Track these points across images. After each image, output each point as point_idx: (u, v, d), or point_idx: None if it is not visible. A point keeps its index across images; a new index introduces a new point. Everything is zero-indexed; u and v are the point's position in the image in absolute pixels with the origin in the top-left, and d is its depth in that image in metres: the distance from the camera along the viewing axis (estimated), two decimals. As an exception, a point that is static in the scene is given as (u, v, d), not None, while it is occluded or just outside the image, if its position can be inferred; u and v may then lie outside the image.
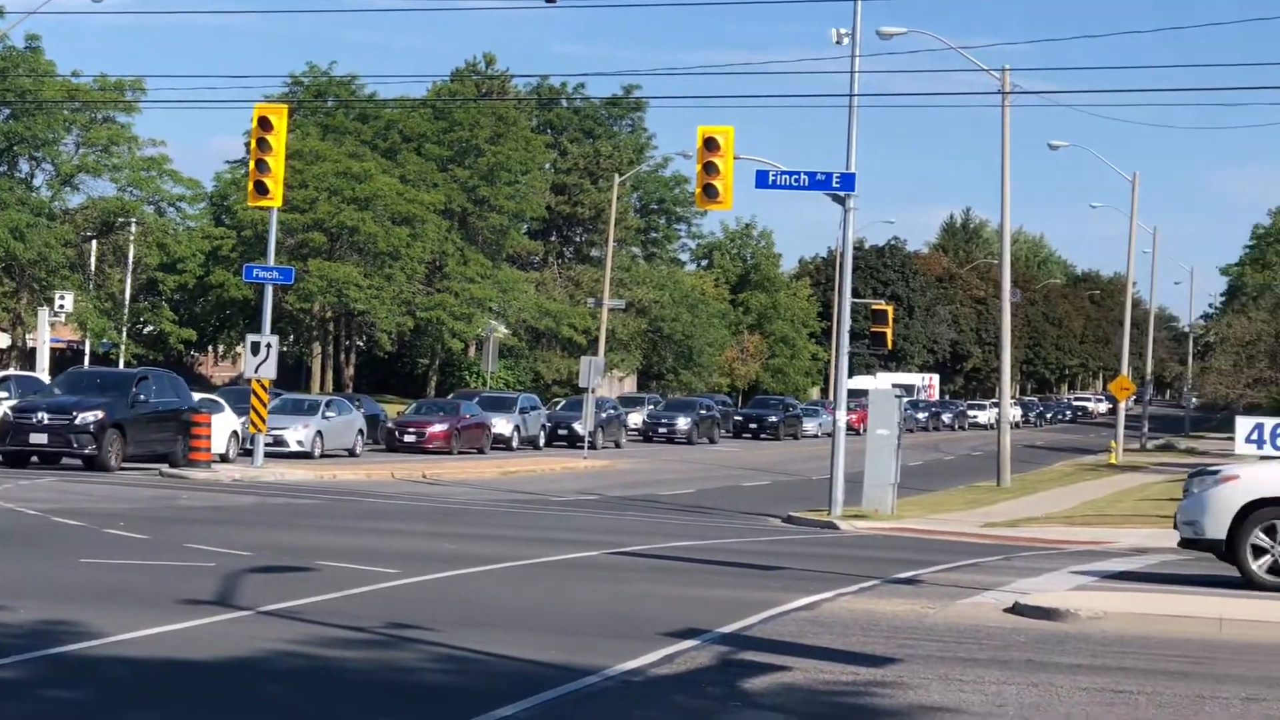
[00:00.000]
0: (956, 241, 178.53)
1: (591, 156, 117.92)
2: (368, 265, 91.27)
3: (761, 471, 60.74)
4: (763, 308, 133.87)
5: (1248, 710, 14.56)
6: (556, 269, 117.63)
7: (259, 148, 43.18)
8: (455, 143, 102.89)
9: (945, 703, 14.20)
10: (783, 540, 32.57)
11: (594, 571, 24.62)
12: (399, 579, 21.72)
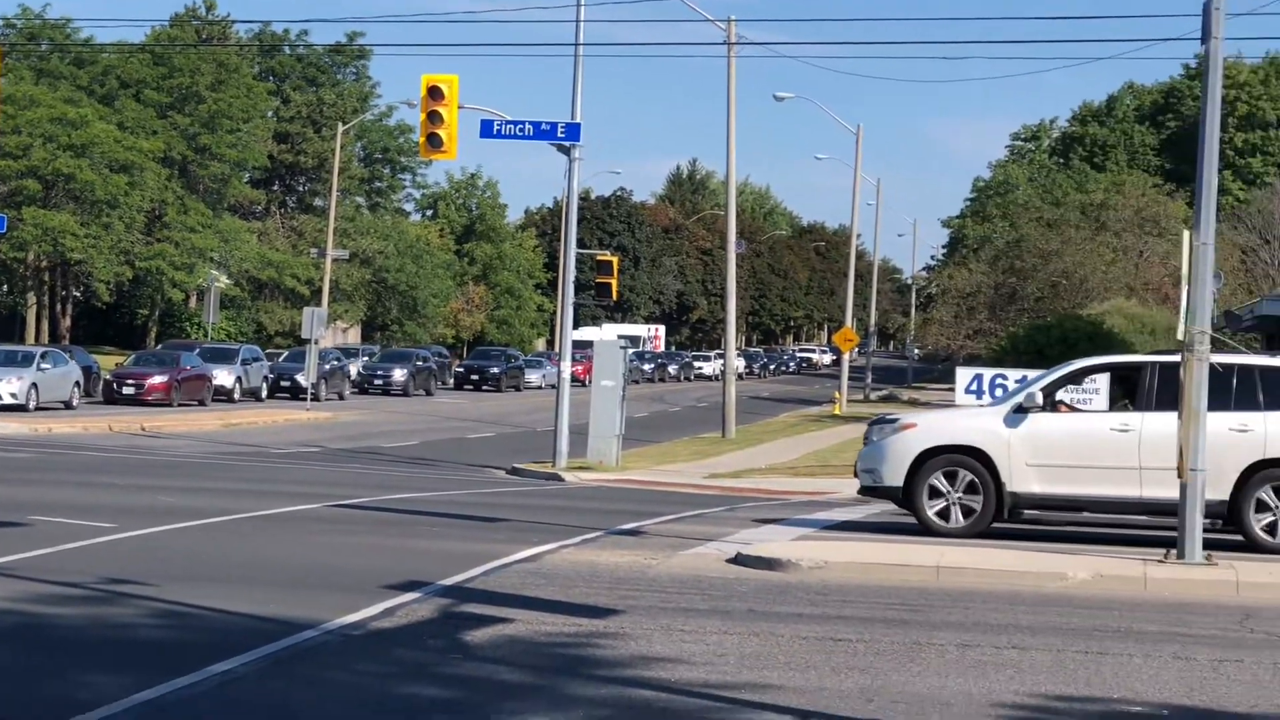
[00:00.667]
0: (683, 193, 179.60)
1: (315, 105, 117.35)
2: (85, 214, 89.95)
3: (485, 423, 60.86)
4: (488, 258, 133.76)
5: (962, 656, 14.88)
6: (279, 218, 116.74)
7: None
8: (175, 89, 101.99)
9: (667, 653, 14.34)
10: (507, 492, 32.70)
11: (316, 524, 24.58)
12: (116, 533, 21.54)
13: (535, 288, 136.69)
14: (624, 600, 17.41)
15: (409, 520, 25.90)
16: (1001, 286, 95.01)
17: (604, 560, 21.20)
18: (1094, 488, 23.79)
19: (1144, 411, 23.72)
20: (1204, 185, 22.11)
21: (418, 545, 22.12)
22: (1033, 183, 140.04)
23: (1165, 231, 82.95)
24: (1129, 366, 25.02)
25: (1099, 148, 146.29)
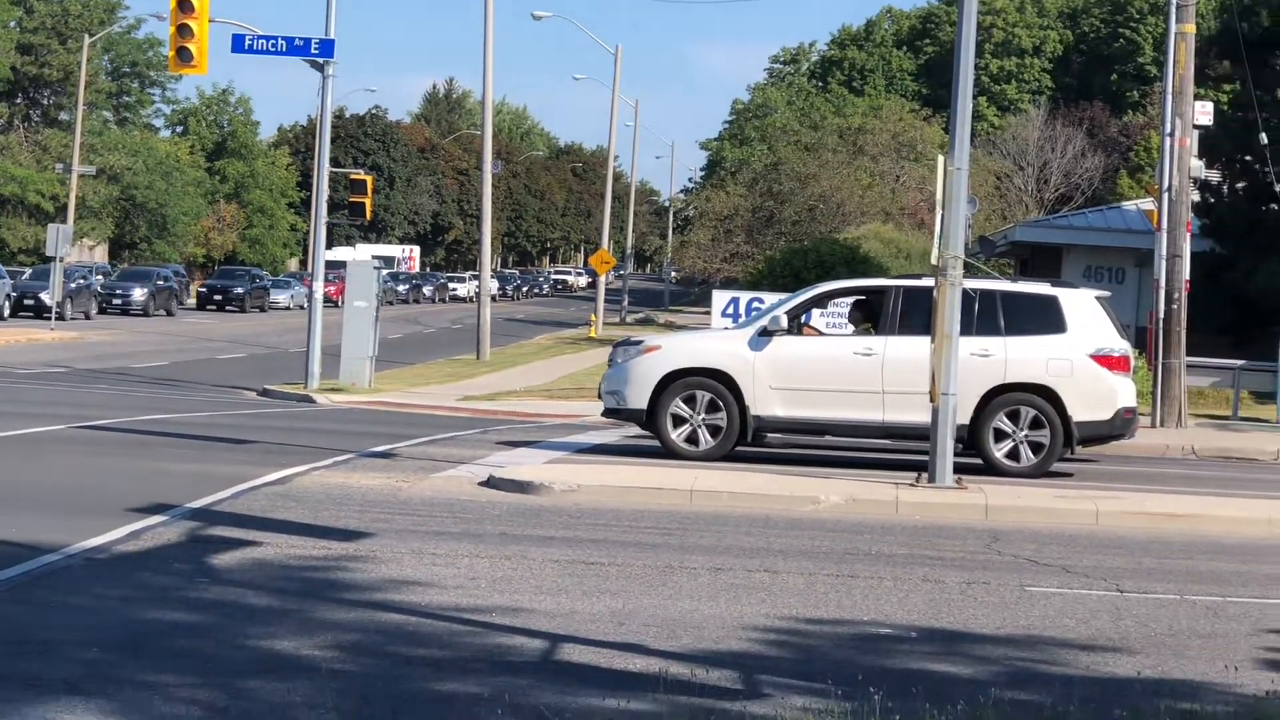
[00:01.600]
0: (439, 112, 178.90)
1: (60, 15, 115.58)
2: None
3: (236, 344, 60.44)
4: (240, 176, 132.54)
5: (715, 580, 15.05)
6: (23, 132, 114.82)
7: None
8: None
9: (418, 577, 14.39)
10: (258, 414, 32.54)
11: (60, 446, 24.34)
12: None
13: (288, 207, 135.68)
14: (375, 523, 17.43)
15: (157, 442, 25.68)
16: (759, 210, 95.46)
17: (355, 483, 21.19)
18: (836, 411, 24.12)
19: (887, 336, 24.16)
20: (959, 111, 22.45)
21: (165, 467, 21.97)
22: (791, 106, 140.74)
23: (922, 156, 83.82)
24: (873, 290, 25.36)
25: (857, 72, 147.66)
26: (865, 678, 10.46)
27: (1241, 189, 54.65)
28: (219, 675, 10.66)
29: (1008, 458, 23.68)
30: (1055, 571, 16.10)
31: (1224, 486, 23.93)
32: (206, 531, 16.48)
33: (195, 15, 36.76)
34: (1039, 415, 23.75)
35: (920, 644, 12.46)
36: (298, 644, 11.65)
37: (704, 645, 12.03)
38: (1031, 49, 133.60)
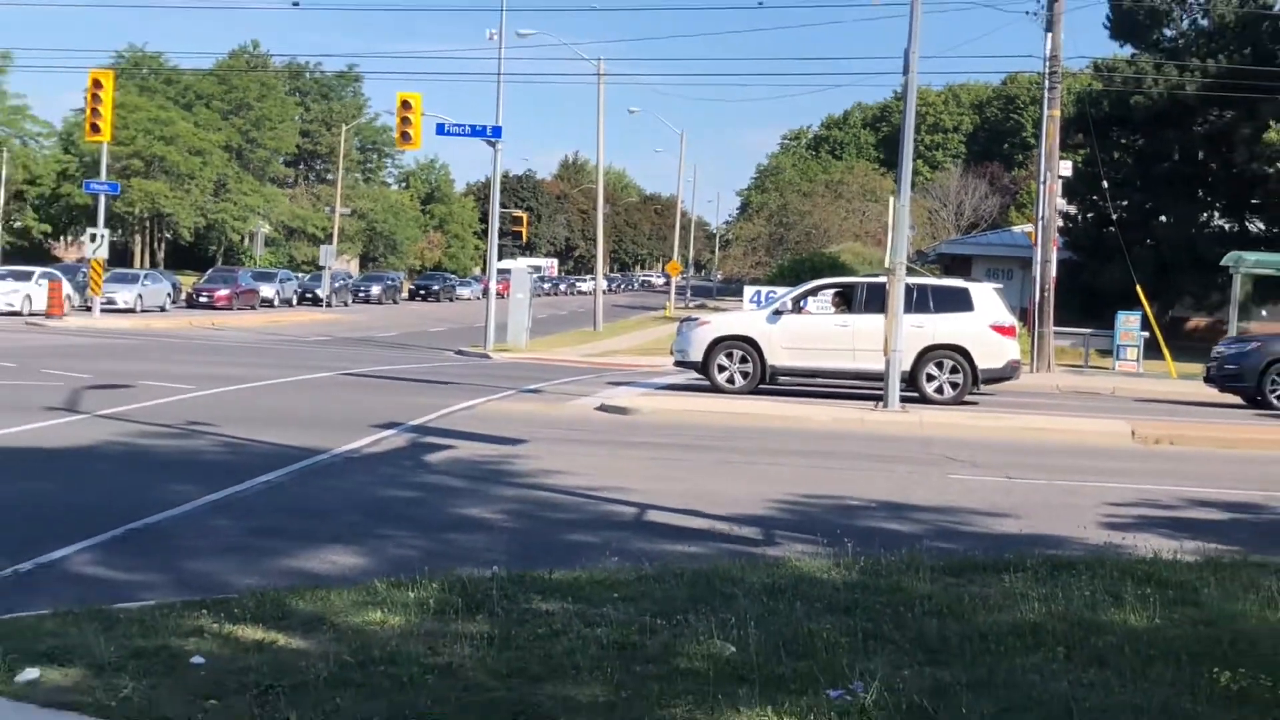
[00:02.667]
0: (569, 172, 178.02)
1: (327, 111, 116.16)
2: (173, 182, 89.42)
3: (439, 321, 60.58)
4: (442, 215, 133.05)
5: (744, 469, 15.16)
6: (304, 187, 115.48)
7: (94, 100, 42.23)
8: (233, 100, 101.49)
9: (556, 467, 14.51)
10: (455, 366, 32.63)
11: (329, 386, 24.55)
12: (194, 392, 21.42)
13: (474, 234, 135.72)
14: (529, 434, 17.54)
15: (391, 383, 25.84)
16: (774, 234, 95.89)
17: (516, 408, 21.35)
18: (824, 362, 24.32)
19: (857, 314, 24.28)
20: (903, 168, 22.47)
21: (397, 399, 22.14)
22: (795, 167, 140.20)
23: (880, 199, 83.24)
24: (847, 284, 25.56)
25: (838, 144, 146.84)
26: (842, 532, 10.47)
27: (1090, 218, 54.40)
28: (430, 530, 10.79)
29: (935, 392, 23.69)
30: (966, 465, 16.09)
31: (1077, 411, 23.84)
32: (422, 439, 16.65)
33: (413, 111, 37.01)
34: (956, 364, 23.82)
35: (878, 511, 12.50)
36: (480, 510, 11.80)
37: (737, 511, 12.10)
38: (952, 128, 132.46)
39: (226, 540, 10.14)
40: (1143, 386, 31.11)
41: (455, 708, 5.94)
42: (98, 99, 42.15)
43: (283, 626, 7.15)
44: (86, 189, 54.66)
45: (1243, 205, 54.26)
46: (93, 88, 42.39)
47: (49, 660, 6.47)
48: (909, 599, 7.97)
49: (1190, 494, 14.26)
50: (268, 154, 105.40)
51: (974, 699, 6.24)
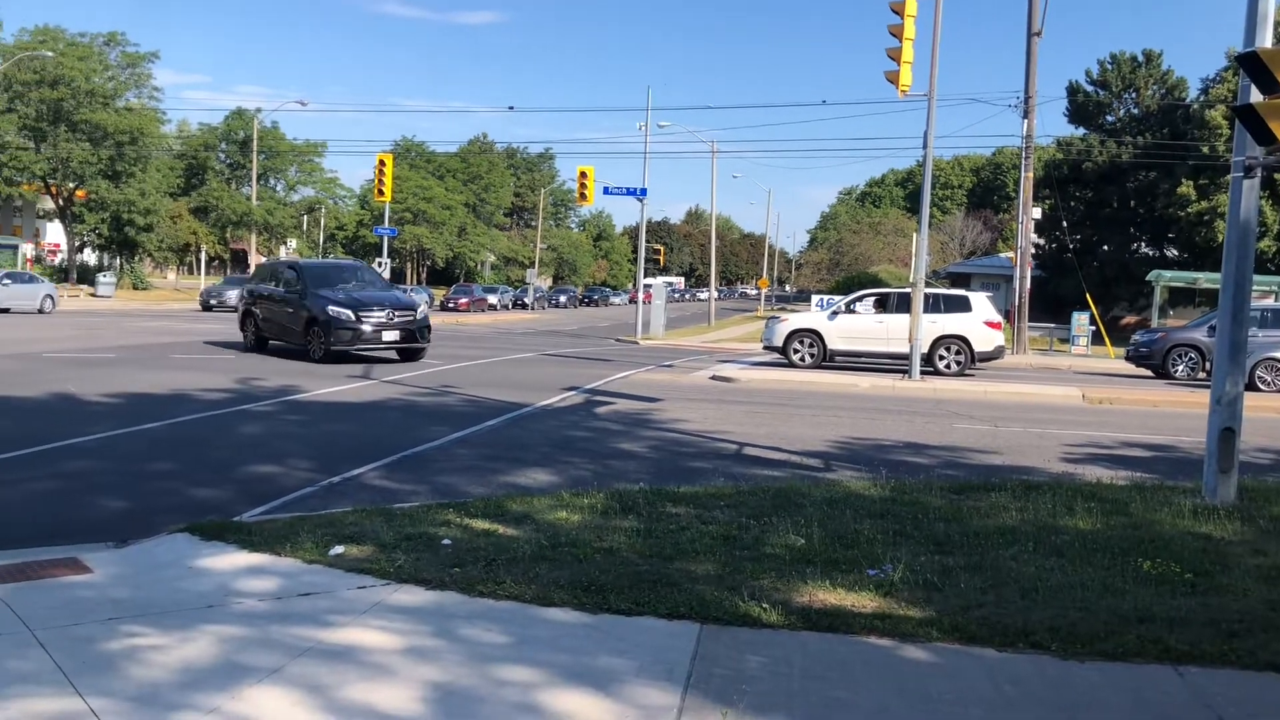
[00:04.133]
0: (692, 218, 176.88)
1: (531, 180, 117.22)
2: (430, 228, 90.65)
3: (603, 320, 60.81)
4: (607, 248, 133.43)
5: (812, 419, 14.93)
6: (516, 230, 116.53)
7: (380, 174, 42.92)
8: (470, 173, 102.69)
9: (682, 417, 14.46)
10: (614, 349, 32.64)
11: (531, 363, 24.66)
12: (444, 366, 21.69)
13: (627, 260, 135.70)
14: (665, 394, 17.54)
15: (574, 360, 25.93)
16: (833, 259, 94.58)
17: (656, 378, 21.31)
18: (866, 346, 23.79)
19: (889, 314, 23.74)
20: (923, 214, 21.92)
21: (577, 370, 22.26)
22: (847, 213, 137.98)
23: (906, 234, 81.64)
24: (882, 293, 24.94)
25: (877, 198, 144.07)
26: (877, 463, 10.35)
27: (1054, 247, 53.13)
28: (597, 458, 10.84)
29: (945, 368, 23.14)
30: (965, 417, 15.71)
31: (1044, 381, 23.14)
32: (593, 398, 16.72)
33: (587, 179, 37.18)
34: (959, 348, 23.22)
35: (903, 449, 12.29)
36: (630, 445, 11.82)
37: (806, 448, 11.99)
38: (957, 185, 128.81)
39: (464, 463, 10.30)
40: (1090, 364, 30.15)
41: (615, 576, 6.00)
42: (382, 173, 42.88)
43: (501, 520, 7.27)
44: (375, 233, 55.60)
45: (1162, 238, 53.67)
46: (379, 165, 43.14)
47: (350, 540, 6.65)
48: (925, 509, 7.85)
49: (1124, 439, 13.82)
50: (492, 208, 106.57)
51: (970, 577, 6.15)
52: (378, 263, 47.01)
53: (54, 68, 52.95)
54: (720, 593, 5.72)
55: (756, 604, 5.56)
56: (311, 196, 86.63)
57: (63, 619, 5.12)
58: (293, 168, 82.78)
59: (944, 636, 5.24)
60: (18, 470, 8.97)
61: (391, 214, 63.91)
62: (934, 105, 21.29)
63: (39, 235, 69.88)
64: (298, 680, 4.48)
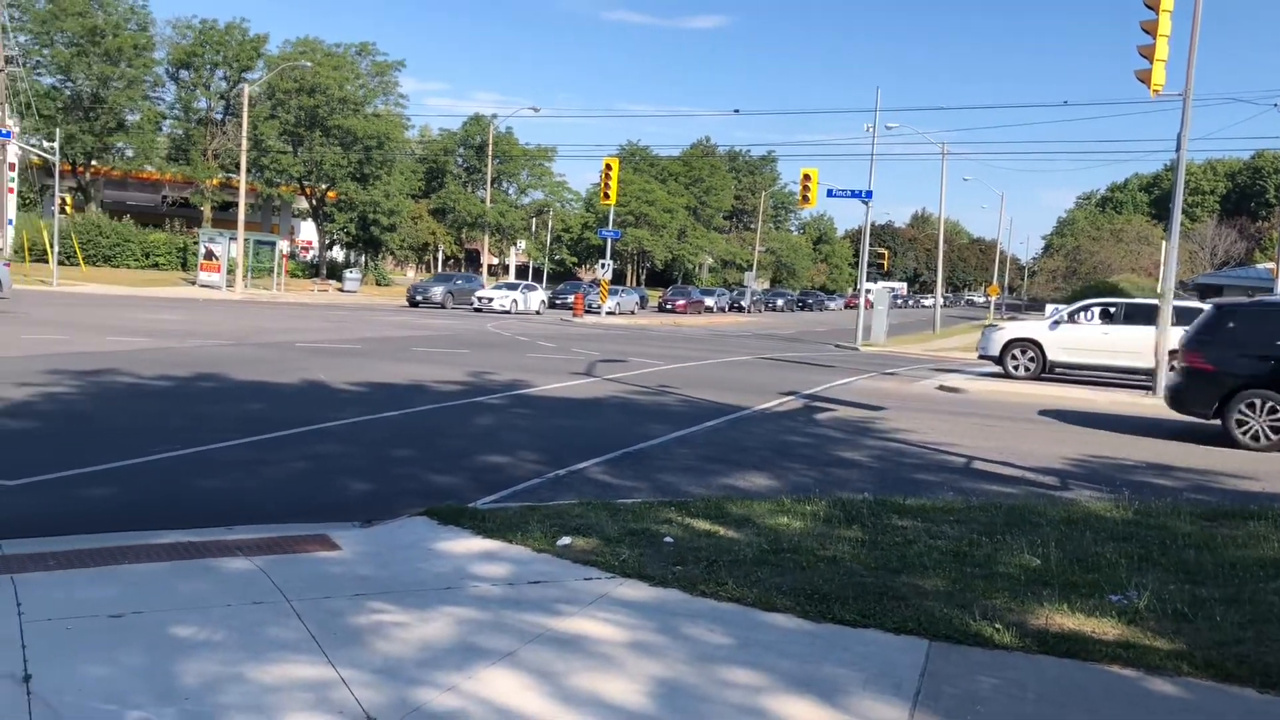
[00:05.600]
0: (918, 221, 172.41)
1: (752, 183, 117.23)
2: (651, 230, 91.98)
3: (820, 324, 60.07)
4: (827, 252, 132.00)
5: (1045, 434, 14.29)
6: (735, 233, 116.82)
7: (606, 177, 43.90)
8: (691, 176, 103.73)
9: (908, 426, 14.12)
10: (833, 355, 32.23)
11: (749, 366, 24.63)
12: (662, 366, 21.98)
13: (848, 264, 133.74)
14: (886, 402, 17.18)
15: (792, 364, 25.76)
16: (1069, 267, 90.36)
17: (878, 385, 20.89)
18: (1089, 359, 22.68)
19: (1115, 325, 22.46)
20: (1174, 220, 20.55)
21: (795, 375, 22.10)
22: (1086, 219, 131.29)
23: (1151, 243, 77.05)
24: (1108, 303, 23.60)
25: (1119, 203, 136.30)
26: (1118, 484, 9.79)
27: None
28: (817, 465, 10.72)
29: None
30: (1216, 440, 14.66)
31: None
32: (812, 404, 16.55)
33: (810, 181, 36.73)
34: None
35: (1146, 470, 11.56)
36: (851, 453, 11.62)
37: (1040, 464, 11.47)
38: (1208, 190, 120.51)
39: (683, 463, 10.39)
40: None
41: (839, 585, 5.90)
42: (608, 177, 43.91)
43: (722, 522, 7.28)
44: (600, 235, 56.89)
45: None
46: (605, 169, 44.18)
47: (576, 532, 6.82)
48: (1173, 534, 7.36)
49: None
50: (712, 211, 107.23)
51: (1225, 610, 5.71)
52: (600, 264, 48.11)
53: (311, 77, 56.85)
54: (950, 610, 5.54)
55: (989, 624, 5.35)
56: (541, 199, 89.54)
57: (315, 592, 5.47)
58: (524, 171, 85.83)
59: (1196, 672, 4.89)
60: (274, 451, 9.67)
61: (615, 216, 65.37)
62: (1189, 105, 19.95)
63: (294, 233, 75.20)
64: (529, 665, 4.63)
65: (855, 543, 6.80)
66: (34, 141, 49.38)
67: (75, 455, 8.80)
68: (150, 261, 55.80)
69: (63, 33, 55.23)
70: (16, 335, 19.50)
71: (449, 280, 50.72)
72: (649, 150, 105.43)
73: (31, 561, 5.74)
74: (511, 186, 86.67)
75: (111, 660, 4.40)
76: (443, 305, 47.95)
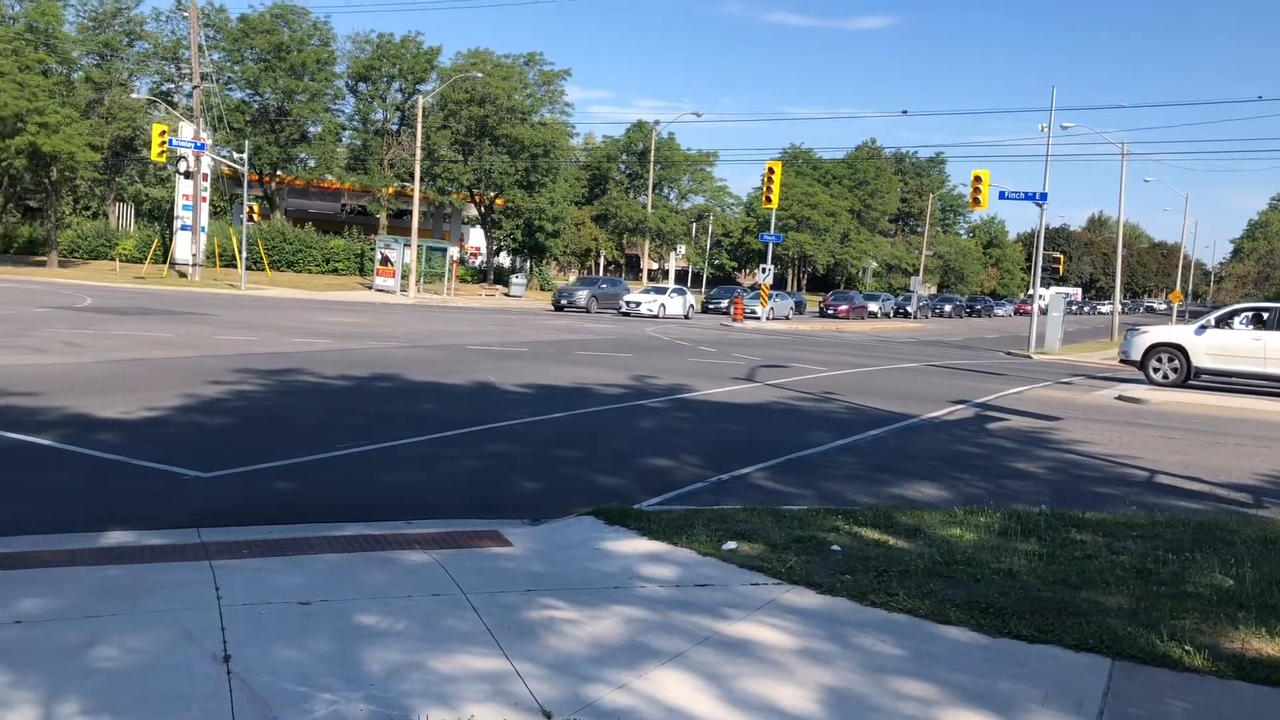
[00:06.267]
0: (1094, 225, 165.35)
1: (919, 185, 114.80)
2: (813, 234, 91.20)
3: (991, 331, 58.24)
4: (997, 256, 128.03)
5: (1237, 449, 13.48)
6: (901, 237, 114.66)
7: (767, 181, 43.68)
8: (856, 179, 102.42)
9: (1085, 438, 13.59)
10: (1004, 363, 31.19)
11: (916, 373, 24.12)
12: (825, 372, 21.72)
13: (1020, 269, 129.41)
14: (1062, 413, 16.54)
15: (962, 372, 25.09)
16: (1261, 273, 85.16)
17: (1053, 395, 20.12)
18: (1238, 366, 21.52)
19: (1267, 330, 21.27)
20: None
21: (965, 384, 21.49)
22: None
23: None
24: (1261, 309, 22.23)
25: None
26: (1321, 503, 9.18)
27: None
28: (989, 476, 10.41)
29: None
30: None
31: None
32: (984, 413, 16.08)
33: (981, 183, 35.88)
34: None
35: (1352, 490, 10.82)
36: (1025, 464, 11.23)
37: (1230, 480, 10.85)
38: None
39: (848, 471, 10.25)
40: None
41: (1015, 599, 5.73)
42: (770, 180, 43.69)
43: (891, 531, 7.16)
44: (761, 239, 56.64)
45: None
46: (767, 174, 43.98)
47: (741, 537, 6.81)
48: (1384, 559, 6.85)
49: None
50: (877, 215, 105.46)
51: None
52: (761, 268, 47.88)
53: (482, 87, 58.51)
54: (1134, 628, 5.30)
55: (1177, 645, 5.10)
56: (701, 204, 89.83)
57: (489, 586, 5.63)
58: (685, 176, 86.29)
59: None
60: (448, 448, 9.99)
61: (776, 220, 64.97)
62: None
63: (464, 239, 77.55)
64: (698, 667, 4.65)
65: (1032, 556, 6.58)
66: (225, 153, 52.37)
67: (264, 450, 9.30)
68: (330, 267, 58.47)
69: (252, 49, 58.45)
70: (210, 336, 20.73)
71: (594, 284, 51.04)
72: (812, 153, 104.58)
73: (227, 549, 6.10)
74: (672, 192, 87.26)
75: (301, 645, 4.63)
76: (587, 310, 48.02)
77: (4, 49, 46.32)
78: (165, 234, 55.52)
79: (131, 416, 10.64)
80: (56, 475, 7.99)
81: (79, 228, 59.32)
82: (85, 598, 5.10)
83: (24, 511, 6.90)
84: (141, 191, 65.03)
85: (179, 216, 50.22)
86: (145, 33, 59.72)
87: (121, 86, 57.45)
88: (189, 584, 5.38)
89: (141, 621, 4.80)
